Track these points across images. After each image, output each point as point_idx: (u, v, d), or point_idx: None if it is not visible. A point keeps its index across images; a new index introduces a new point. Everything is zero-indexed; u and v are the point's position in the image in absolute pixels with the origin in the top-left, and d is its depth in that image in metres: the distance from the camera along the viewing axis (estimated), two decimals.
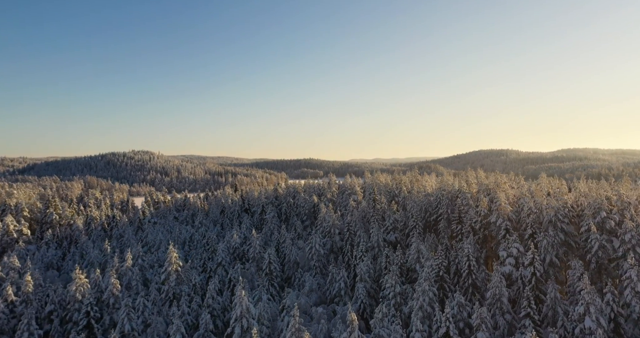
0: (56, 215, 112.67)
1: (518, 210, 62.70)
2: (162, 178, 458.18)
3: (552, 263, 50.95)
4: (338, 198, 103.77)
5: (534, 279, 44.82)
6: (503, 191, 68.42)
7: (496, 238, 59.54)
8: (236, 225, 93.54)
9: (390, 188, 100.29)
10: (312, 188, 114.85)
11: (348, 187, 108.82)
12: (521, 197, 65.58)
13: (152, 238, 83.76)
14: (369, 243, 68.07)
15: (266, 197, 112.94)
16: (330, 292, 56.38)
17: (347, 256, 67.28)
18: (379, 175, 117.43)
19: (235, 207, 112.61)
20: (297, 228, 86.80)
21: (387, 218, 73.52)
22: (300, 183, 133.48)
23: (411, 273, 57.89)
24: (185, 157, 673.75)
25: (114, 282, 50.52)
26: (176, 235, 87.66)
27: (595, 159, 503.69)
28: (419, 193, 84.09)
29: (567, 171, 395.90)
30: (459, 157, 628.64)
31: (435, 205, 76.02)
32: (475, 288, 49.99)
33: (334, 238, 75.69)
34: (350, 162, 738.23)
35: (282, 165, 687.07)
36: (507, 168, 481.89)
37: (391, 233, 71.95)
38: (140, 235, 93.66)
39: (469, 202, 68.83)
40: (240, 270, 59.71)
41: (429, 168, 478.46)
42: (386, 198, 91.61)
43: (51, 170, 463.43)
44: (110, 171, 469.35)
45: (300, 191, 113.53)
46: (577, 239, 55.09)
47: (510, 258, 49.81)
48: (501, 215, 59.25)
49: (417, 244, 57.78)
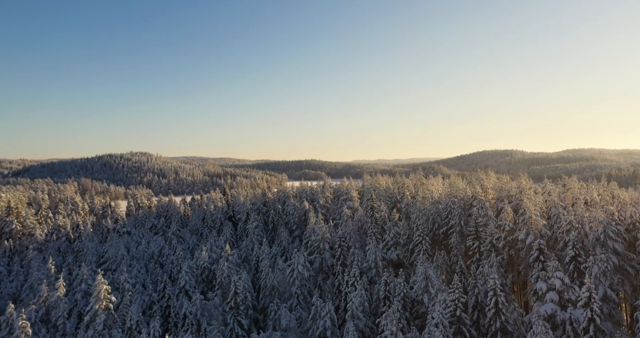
0: (17, 224, 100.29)
1: (552, 224, 49.86)
2: (159, 180, 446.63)
3: (606, 297, 38.13)
4: (332, 205, 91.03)
5: (593, 327, 31.98)
6: (529, 198, 55.56)
7: (525, 260, 46.72)
8: (213, 236, 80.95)
9: (391, 193, 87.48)
10: (305, 192, 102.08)
11: (344, 192, 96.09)
12: (553, 207, 52.70)
13: (112, 253, 71.42)
14: (365, 262, 55.41)
15: (252, 203, 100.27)
16: (314, 331, 43.67)
17: (338, 279, 54.53)
18: (379, 177, 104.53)
19: (218, 214, 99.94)
20: (284, 241, 74.12)
21: (388, 231, 60.79)
22: (293, 186, 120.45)
23: (418, 306, 45.16)
24: (187, 158, 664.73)
25: (23, 324, 38.01)
26: (142, 248, 75.10)
27: (602, 159, 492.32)
28: (424, 200, 71.31)
29: (574, 172, 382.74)
30: (463, 157, 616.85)
31: (445, 215, 63.22)
32: (506, 333, 37.21)
33: (323, 254, 63.00)
34: (352, 163, 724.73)
35: (284, 166, 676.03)
36: (512, 169, 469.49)
37: (392, 249, 59.22)
38: (103, 248, 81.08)
39: (487, 212, 55.98)
40: (200, 302, 47.00)
41: (433, 169, 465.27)
42: (387, 205, 78.84)
43: (46, 173, 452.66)
44: (107, 173, 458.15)
45: (290, 196, 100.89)
46: (634, 263, 42.26)
47: (551, 292, 36.96)
48: (532, 230, 46.40)
49: (425, 268, 44.99)
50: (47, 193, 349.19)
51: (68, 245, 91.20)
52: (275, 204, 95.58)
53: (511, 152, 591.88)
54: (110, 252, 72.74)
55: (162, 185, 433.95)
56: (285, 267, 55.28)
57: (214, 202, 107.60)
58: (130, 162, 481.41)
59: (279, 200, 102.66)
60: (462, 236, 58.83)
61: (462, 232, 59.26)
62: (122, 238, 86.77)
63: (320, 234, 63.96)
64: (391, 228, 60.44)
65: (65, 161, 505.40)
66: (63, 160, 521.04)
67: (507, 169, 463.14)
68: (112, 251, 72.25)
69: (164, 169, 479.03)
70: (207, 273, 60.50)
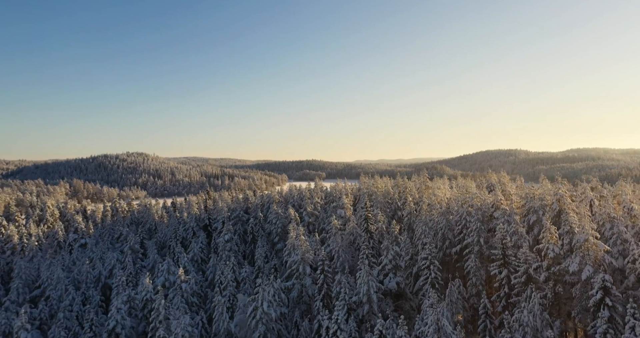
0: None
1: (610, 246, 35.76)
2: (154, 181, 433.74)
3: None
4: (322, 213, 77.16)
5: None
6: (573, 210, 41.60)
7: (581, 302, 32.72)
8: (178, 252, 67.16)
9: (391, 199, 73.58)
10: (292, 197, 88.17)
11: (336, 196, 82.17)
12: (607, 221, 38.63)
13: (46, 275, 57.73)
14: (355, 295, 41.65)
15: (232, 209, 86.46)
16: None
17: (318, 319, 40.67)
18: (377, 179, 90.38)
19: (191, 223, 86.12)
20: (259, 259, 60.18)
21: (385, 252, 46.92)
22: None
23: None
24: (187, 158, 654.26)
25: None
26: (86, 269, 61.21)
27: (608, 158, 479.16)
28: (430, 208, 57.35)
29: (581, 172, 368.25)
30: (466, 157, 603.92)
31: (459, 231, 49.33)
32: None
33: (304, 280, 49.15)
34: (354, 163, 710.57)
35: (284, 166, 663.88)
36: (517, 169, 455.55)
37: (390, 276, 45.35)
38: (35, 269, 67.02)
39: (517, 229, 41.99)
40: None
41: (435, 169, 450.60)
42: (385, 213, 64.97)
43: (40, 174, 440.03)
44: (101, 174, 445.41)
45: (276, 200, 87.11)
46: None
47: None
48: (589, 259, 32.43)
49: (437, 316, 31.09)
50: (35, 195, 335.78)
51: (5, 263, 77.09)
52: (257, 211, 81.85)
53: (515, 151, 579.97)
54: (44, 273, 58.99)
55: (157, 187, 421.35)
56: (248, 302, 41.44)
57: (192, 207, 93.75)
58: (126, 162, 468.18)
59: (262, 206, 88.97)
60: (482, 259, 44.95)
61: (481, 253, 45.36)
62: (70, 255, 72.98)
63: (300, 254, 50.13)
64: (389, 248, 46.56)
65: (59, 162, 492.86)
66: (58, 161, 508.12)
67: (511, 169, 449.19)
68: (46, 273, 58.46)
69: (160, 169, 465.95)
70: (149, 308, 46.61)
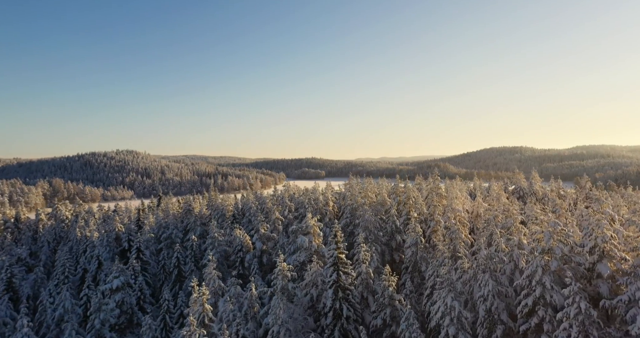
0: None
1: None
2: (142, 180, 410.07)
3: None
4: (282, 236, 53.21)
5: None
6: None
7: None
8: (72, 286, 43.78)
9: (387, 214, 49.86)
10: (249, 209, 64.23)
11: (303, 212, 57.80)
12: None
13: None
14: None
15: (164, 226, 62.81)
16: None
17: None
18: (369, 183, 66.45)
19: (101, 246, 62.36)
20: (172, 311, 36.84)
21: None
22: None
23: None
24: (187, 157, 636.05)
25: None
26: None
27: (618, 156, 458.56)
28: (453, 243, 33.69)
29: (592, 170, 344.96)
30: (469, 155, 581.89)
31: (526, 292, 25.71)
32: None
33: None
34: (354, 161, 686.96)
35: (283, 164, 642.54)
36: (523, 166, 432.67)
37: None
38: None
39: None
40: None
41: (439, 167, 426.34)
42: (376, 242, 41.35)
43: (22, 172, 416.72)
44: (86, 173, 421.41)
45: (229, 211, 63.72)
46: None
47: None
48: None
49: None
50: (7, 196, 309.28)
51: None
52: (196, 230, 58.31)
53: (520, 148, 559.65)
54: None
55: (145, 186, 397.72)
56: None
57: (111, 221, 69.91)
58: (114, 161, 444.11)
59: (214, 217, 65.53)
60: None
61: None
62: None
63: None
64: None
65: (44, 160, 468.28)
66: (43, 159, 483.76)
67: (517, 166, 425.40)
68: None
69: (150, 168, 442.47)
70: None
